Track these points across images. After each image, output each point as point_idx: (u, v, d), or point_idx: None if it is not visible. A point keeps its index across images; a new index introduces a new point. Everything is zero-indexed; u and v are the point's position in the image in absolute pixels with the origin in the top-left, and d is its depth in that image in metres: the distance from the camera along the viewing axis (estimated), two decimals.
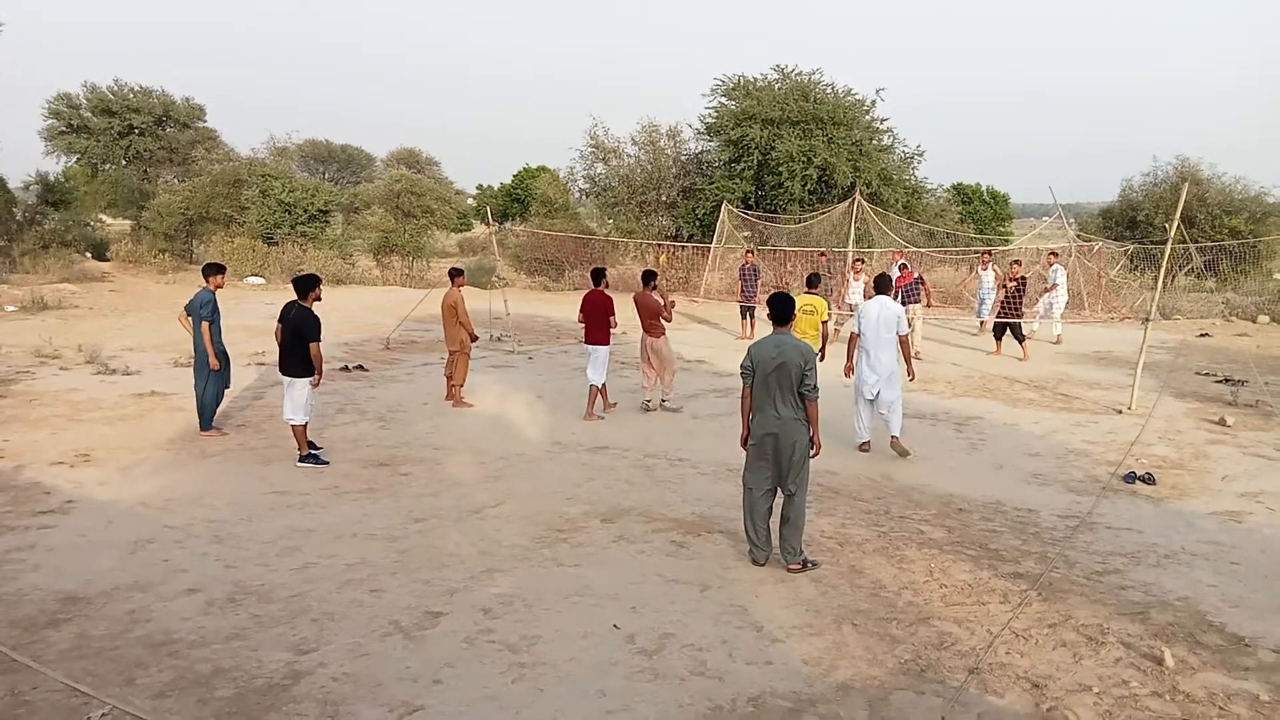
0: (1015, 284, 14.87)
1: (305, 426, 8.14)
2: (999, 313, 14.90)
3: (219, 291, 9.07)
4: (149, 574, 5.63)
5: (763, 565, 5.94)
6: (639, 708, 4.22)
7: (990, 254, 17.39)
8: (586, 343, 10.27)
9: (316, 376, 8.13)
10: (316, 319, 8.07)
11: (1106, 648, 4.86)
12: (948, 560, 6.11)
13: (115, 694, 4.20)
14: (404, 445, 8.91)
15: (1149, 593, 5.63)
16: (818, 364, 6.01)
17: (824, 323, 10.36)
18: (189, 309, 8.91)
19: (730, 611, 5.27)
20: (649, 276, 10.57)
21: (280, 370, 8.18)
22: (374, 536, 6.41)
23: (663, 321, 10.35)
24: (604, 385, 10.35)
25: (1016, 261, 15.87)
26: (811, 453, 5.91)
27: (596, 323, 10.14)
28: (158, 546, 6.10)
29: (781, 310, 6.02)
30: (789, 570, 5.84)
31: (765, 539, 5.99)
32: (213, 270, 9.12)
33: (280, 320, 8.15)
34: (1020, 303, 14.93)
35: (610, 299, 10.29)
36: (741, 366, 6.04)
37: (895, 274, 16.21)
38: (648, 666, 4.61)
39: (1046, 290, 16.64)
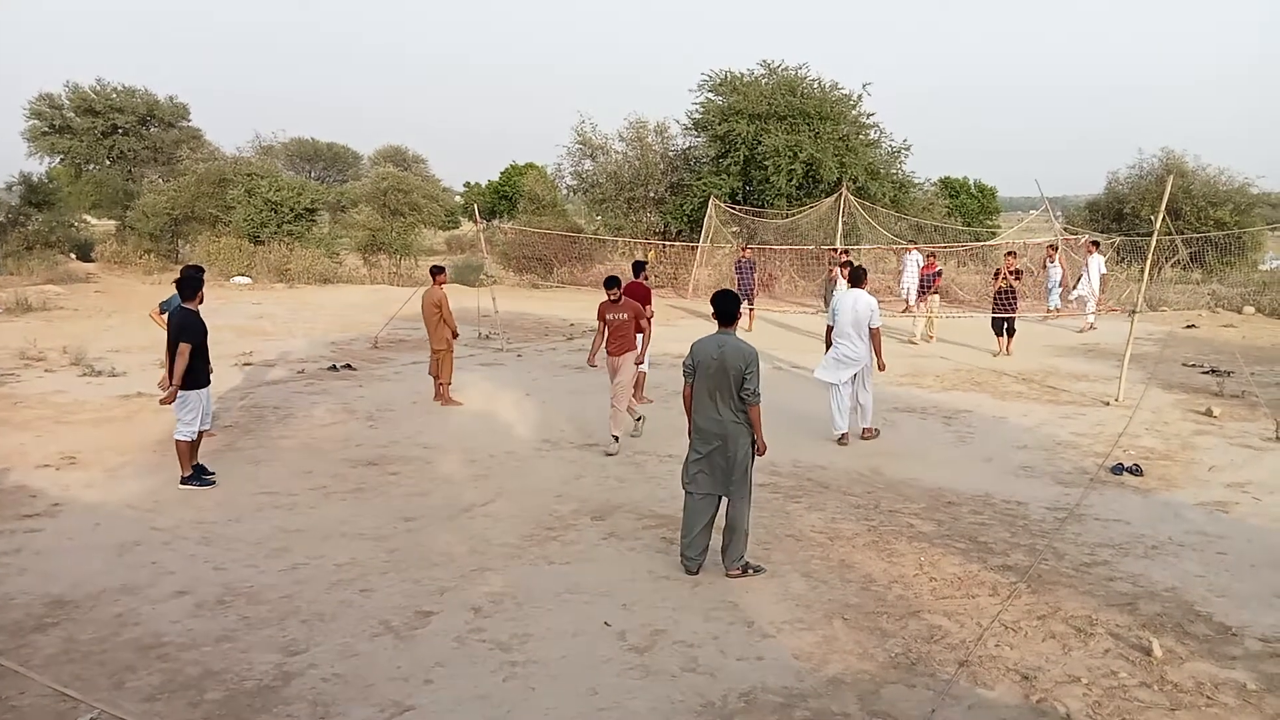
0: (1013, 275, 14.76)
1: (190, 444, 7.37)
2: (996, 307, 14.74)
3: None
4: (137, 576, 5.60)
5: (695, 574, 5.69)
6: (630, 705, 4.22)
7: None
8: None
9: (169, 380, 7.24)
10: (197, 323, 7.27)
11: (1095, 639, 4.89)
12: (937, 553, 6.13)
13: (104, 698, 4.17)
14: (393, 444, 8.88)
15: (1137, 584, 5.66)
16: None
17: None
18: (166, 307, 8.83)
19: (721, 607, 5.28)
20: (611, 283, 9.21)
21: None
22: (363, 536, 6.38)
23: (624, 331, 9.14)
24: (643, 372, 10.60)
25: (1011, 253, 15.86)
26: (756, 453, 5.74)
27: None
28: (145, 549, 6.07)
29: (726, 309, 5.75)
30: (728, 575, 5.68)
31: (702, 547, 5.73)
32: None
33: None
34: (1016, 296, 14.85)
35: (649, 290, 10.57)
36: (683, 364, 5.81)
37: (921, 262, 16.55)
38: (639, 663, 4.61)
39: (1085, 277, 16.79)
